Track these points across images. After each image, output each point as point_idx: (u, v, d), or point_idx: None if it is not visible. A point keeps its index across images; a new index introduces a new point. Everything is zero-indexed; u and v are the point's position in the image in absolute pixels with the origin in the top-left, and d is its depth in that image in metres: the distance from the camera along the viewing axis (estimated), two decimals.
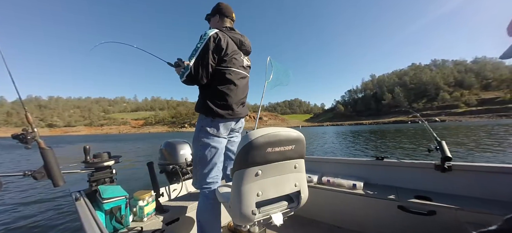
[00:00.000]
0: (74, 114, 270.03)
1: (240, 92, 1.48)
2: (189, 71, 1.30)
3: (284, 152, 1.00)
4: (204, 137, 1.38)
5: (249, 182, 0.96)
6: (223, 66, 1.39)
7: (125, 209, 1.38)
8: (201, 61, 1.31)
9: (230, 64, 1.41)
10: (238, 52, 1.47)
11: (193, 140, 1.44)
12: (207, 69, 1.33)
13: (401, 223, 1.56)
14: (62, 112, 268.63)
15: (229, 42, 1.40)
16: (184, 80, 1.35)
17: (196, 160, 1.42)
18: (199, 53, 1.31)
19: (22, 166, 9.79)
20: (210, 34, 1.34)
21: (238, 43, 1.48)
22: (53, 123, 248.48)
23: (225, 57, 1.38)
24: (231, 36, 1.44)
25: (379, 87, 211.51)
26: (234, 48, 1.44)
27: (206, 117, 1.39)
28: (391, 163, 1.87)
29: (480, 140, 13.68)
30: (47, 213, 3.78)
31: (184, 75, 1.32)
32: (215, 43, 1.34)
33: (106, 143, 32.87)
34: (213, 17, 1.56)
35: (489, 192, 1.47)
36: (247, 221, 0.98)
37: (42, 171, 1.11)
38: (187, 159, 1.95)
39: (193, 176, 1.48)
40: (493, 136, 15.79)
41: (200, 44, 1.33)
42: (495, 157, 8.06)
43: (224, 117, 1.39)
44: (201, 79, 1.34)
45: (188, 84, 1.38)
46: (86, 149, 1.53)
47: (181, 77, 1.36)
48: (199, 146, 1.39)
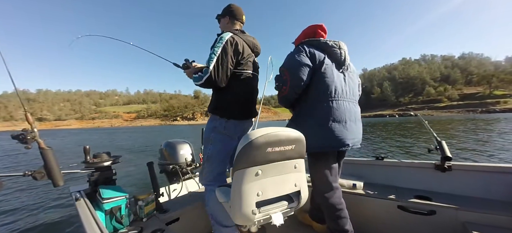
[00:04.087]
0: (65, 107, 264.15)
1: (253, 93, 1.54)
2: (208, 75, 1.29)
3: (284, 152, 1.00)
4: (216, 138, 1.42)
5: (249, 182, 0.96)
6: (239, 69, 1.41)
7: (125, 209, 1.37)
8: (221, 65, 1.31)
9: (246, 67, 1.44)
10: (252, 55, 1.51)
11: (204, 140, 1.48)
12: (227, 73, 1.34)
13: (401, 223, 1.56)
14: (51, 106, 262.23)
15: (245, 46, 1.43)
16: (202, 84, 1.33)
17: (205, 158, 1.46)
18: (218, 56, 1.31)
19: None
20: (226, 38, 1.34)
21: (251, 46, 1.51)
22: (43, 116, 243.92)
23: (242, 60, 1.40)
24: (245, 39, 1.47)
25: (369, 81, 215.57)
26: (249, 52, 1.47)
27: (220, 118, 1.41)
28: (391, 162, 1.87)
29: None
30: (47, 213, 3.78)
31: (203, 79, 1.32)
32: (233, 47, 1.34)
33: (104, 137, 31.54)
34: (223, 18, 1.57)
35: (489, 191, 1.47)
36: (247, 220, 0.99)
37: (42, 171, 1.10)
38: (187, 159, 1.96)
39: (200, 173, 1.53)
40: (452, 129, 17.25)
41: (218, 47, 1.32)
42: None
43: (238, 118, 1.43)
44: (221, 83, 1.34)
45: (206, 87, 1.37)
46: (86, 149, 1.52)
47: (197, 80, 1.36)
48: (209, 145, 1.43)
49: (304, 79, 1.37)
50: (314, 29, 1.55)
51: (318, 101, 1.38)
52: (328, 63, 1.41)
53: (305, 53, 1.40)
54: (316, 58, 1.39)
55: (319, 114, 1.36)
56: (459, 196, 1.53)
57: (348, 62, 1.50)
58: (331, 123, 1.34)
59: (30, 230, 3.25)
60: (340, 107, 1.37)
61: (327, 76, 1.38)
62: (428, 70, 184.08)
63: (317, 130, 1.35)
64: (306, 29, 1.59)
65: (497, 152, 7.76)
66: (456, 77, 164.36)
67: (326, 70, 1.38)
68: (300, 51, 1.42)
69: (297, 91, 1.41)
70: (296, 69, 1.38)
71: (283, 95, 1.46)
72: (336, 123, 1.34)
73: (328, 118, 1.34)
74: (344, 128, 1.36)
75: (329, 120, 1.34)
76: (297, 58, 1.39)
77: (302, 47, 1.44)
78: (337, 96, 1.38)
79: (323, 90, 1.37)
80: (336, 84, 1.39)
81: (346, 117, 1.38)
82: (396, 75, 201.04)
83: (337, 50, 1.45)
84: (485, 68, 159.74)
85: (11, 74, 1.11)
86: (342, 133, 1.35)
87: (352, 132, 1.40)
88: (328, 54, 1.44)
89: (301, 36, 1.60)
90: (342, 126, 1.36)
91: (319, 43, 1.47)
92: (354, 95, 1.50)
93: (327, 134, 1.35)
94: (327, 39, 1.50)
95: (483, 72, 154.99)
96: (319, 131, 1.34)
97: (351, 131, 1.40)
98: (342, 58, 1.46)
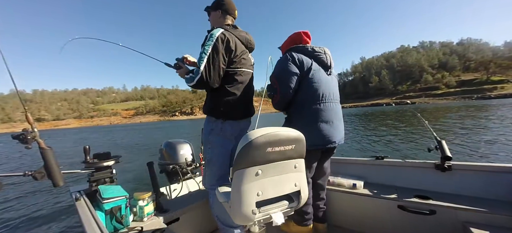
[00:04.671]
0: (62, 107, 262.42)
1: (249, 92, 1.49)
2: (200, 76, 1.24)
3: (284, 152, 1.00)
4: (214, 140, 1.39)
5: (249, 182, 0.96)
6: (233, 68, 1.36)
7: (125, 209, 1.37)
8: (212, 65, 1.26)
9: (240, 65, 1.39)
10: (245, 51, 1.45)
11: (204, 143, 1.47)
12: (219, 73, 1.29)
13: (401, 223, 1.56)
14: (49, 106, 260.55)
15: (237, 42, 1.36)
16: (194, 85, 1.28)
17: (206, 161, 1.46)
18: (209, 56, 1.25)
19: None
20: (216, 34, 1.28)
21: (245, 42, 1.45)
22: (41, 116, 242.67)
23: (235, 58, 1.34)
24: (238, 35, 1.40)
25: (368, 70, 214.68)
26: (242, 48, 1.41)
27: (216, 120, 1.38)
28: (391, 162, 1.87)
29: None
30: (47, 213, 3.79)
31: (195, 80, 1.27)
32: (224, 44, 1.28)
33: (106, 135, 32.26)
34: (215, 11, 1.48)
35: (489, 191, 1.47)
36: (247, 220, 0.99)
37: (42, 171, 1.10)
38: (187, 159, 1.95)
39: (203, 177, 1.53)
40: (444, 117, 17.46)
41: (208, 46, 1.26)
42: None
43: (235, 118, 1.40)
44: (213, 83, 1.29)
45: (199, 88, 1.32)
46: (86, 149, 1.51)
47: (188, 81, 1.32)
48: (208, 148, 1.41)
49: (293, 87, 1.49)
50: (300, 35, 1.67)
51: (307, 104, 1.50)
52: (315, 68, 1.52)
53: (293, 61, 1.50)
54: (305, 65, 1.50)
55: (309, 116, 1.48)
56: (459, 196, 1.53)
57: (333, 66, 1.63)
58: (319, 123, 1.47)
59: (30, 231, 3.26)
60: (327, 109, 1.50)
61: (315, 82, 1.50)
62: (426, 58, 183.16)
63: (307, 130, 1.38)
64: (293, 35, 1.71)
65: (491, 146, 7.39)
66: (454, 64, 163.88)
67: (313, 75, 1.50)
68: (288, 59, 1.52)
69: (288, 97, 1.53)
70: (285, 78, 1.49)
71: (276, 102, 1.59)
72: (324, 123, 1.48)
73: (317, 119, 1.47)
74: (331, 127, 1.50)
75: (318, 121, 1.47)
76: (286, 68, 1.50)
77: (290, 55, 1.54)
78: (324, 99, 1.50)
79: (312, 94, 1.49)
80: (323, 88, 1.51)
81: (332, 117, 1.51)
82: (394, 63, 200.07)
83: (323, 55, 1.58)
84: (483, 54, 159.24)
85: (11, 74, 1.10)
86: (330, 132, 1.49)
87: (339, 130, 1.56)
88: (314, 59, 1.55)
89: (288, 42, 1.72)
90: (330, 126, 1.49)
91: (306, 49, 1.57)
92: (337, 96, 1.64)
93: (317, 133, 1.47)
94: (313, 45, 1.60)
95: (481, 58, 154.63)
96: (309, 130, 1.39)
97: (338, 129, 1.54)
98: (328, 62, 1.59)
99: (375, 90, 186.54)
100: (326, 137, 1.47)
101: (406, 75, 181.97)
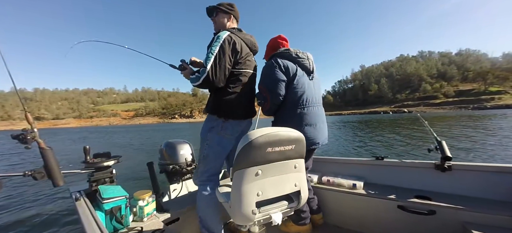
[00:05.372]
0: (62, 106, 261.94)
1: (251, 93, 1.54)
2: (206, 75, 1.28)
3: (284, 152, 1.01)
4: (213, 138, 1.41)
5: (249, 182, 0.96)
6: (237, 69, 1.40)
7: (125, 209, 1.37)
8: (218, 65, 1.30)
9: (244, 66, 1.43)
10: (250, 54, 1.50)
11: (201, 139, 1.46)
12: (225, 73, 1.33)
13: (401, 223, 1.56)
14: (49, 105, 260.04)
15: (243, 44, 1.41)
16: (200, 84, 1.32)
17: (200, 158, 1.45)
18: (216, 56, 1.29)
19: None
20: (223, 36, 1.32)
21: (250, 45, 1.50)
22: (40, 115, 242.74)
23: (240, 59, 1.39)
24: (243, 37, 1.45)
25: (367, 78, 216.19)
26: (247, 50, 1.46)
27: (218, 118, 1.40)
28: (391, 162, 1.87)
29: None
30: (47, 213, 3.77)
31: (200, 79, 1.30)
32: (231, 46, 1.33)
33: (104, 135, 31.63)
34: (219, 14, 1.51)
35: (489, 191, 1.46)
36: (247, 220, 0.99)
37: (42, 171, 1.10)
38: (187, 159, 1.97)
39: (194, 173, 1.52)
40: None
41: (215, 47, 1.30)
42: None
43: (237, 118, 1.42)
44: (219, 83, 1.32)
45: (204, 87, 1.35)
46: (86, 149, 1.51)
47: (194, 81, 1.35)
48: (205, 145, 1.42)
49: (282, 94, 1.55)
50: (277, 41, 1.74)
51: (293, 108, 1.57)
52: (299, 74, 1.58)
53: (279, 68, 1.55)
54: (290, 71, 1.55)
55: (294, 120, 1.55)
56: (459, 196, 1.53)
57: (315, 71, 1.70)
58: (304, 126, 1.54)
59: (30, 230, 3.25)
60: (311, 112, 1.58)
61: (299, 87, 1.56)
62: (425, 67, 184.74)
63: None
64: (270, 42, 1.78)
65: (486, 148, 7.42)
66: (452, 73, 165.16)
67: (298, 81, 1.56)
68: (274, 66, 1.56)
69: (277, 103, 1.58)
70: (273, 87, 1.54)
71: (267, 109, 1.65)
72: (309, 126, 1.55)
73: (302, 122, 1.54)
74: (315, 130, 1.58)
75: (303, 124, 1.54)
76: (274, 76, 1.54)
77: (276, 61, 1.57)
78: (308, 103, 1.58)
79: (297, 99, 1.56)
80: (307, 93, 1.58)
81: (316, 120, 1.60)
82: (394, 72, 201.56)
83: (306, 61, 1.64)
84: (482, 64, 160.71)
85: (11, 74, 1.08)
86: (314, 134, 1.57)
87: (322, 132, 1.64)
88: (298, 64, 1.61)
89: (268, 50, 1.79)
90: (313, 128, 1.57)
91: (290, 55, 1.62)
92: (319, 100, 1.72)
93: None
94: (297, 50, 1.65)
95: (479, 69, 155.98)
96: None
97: (321, 131, 1.63)
98: (310, 68, 1.65)
99: (374, 98, 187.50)
100: (311, 139, 1.54)
101: (405, 84, 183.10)
